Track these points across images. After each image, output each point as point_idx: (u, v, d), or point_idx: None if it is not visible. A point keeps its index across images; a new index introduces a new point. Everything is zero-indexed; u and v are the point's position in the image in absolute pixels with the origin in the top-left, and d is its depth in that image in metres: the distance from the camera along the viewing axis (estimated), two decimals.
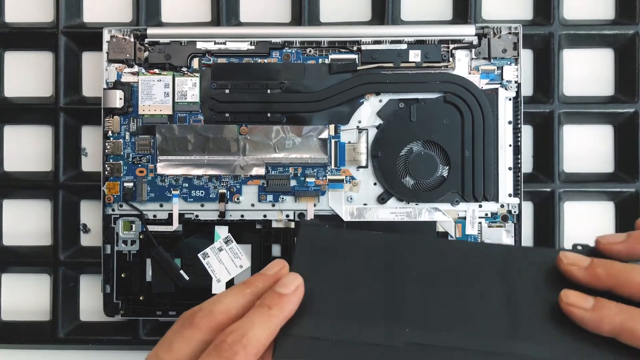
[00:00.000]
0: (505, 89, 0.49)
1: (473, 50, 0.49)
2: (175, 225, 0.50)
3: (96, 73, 0.54)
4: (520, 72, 0.49)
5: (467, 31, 0.49)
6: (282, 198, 0.50)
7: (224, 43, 0.50)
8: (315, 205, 0.50)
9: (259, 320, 0.27)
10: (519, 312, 0.30)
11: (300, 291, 0.29)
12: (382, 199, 0.49)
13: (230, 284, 0.50)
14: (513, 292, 0.31)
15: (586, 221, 0.53)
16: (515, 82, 0.49)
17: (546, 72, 0.52)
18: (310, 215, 0.49)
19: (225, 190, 0.50)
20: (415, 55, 0.49)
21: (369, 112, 0.50)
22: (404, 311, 0.30)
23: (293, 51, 0.50)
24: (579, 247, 0.31)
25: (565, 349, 0.29)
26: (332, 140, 0.50)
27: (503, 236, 0.49)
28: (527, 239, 0.53)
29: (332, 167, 0.50)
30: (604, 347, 0.28)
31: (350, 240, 0.33)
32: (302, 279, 0.29)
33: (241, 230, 0.50)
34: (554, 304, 0.29)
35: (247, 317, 0.27)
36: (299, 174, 0.50)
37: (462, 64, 0.49)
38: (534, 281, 0.31)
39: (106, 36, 0.50)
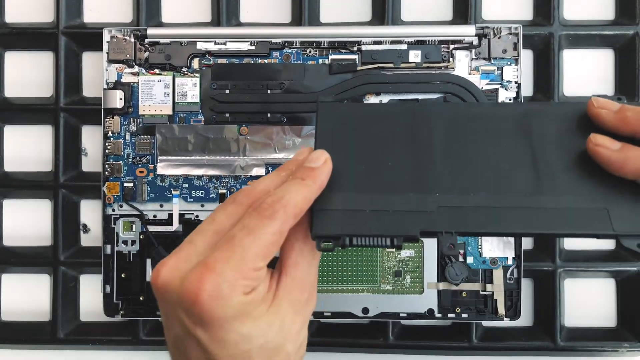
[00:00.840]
0: (506, 89, 0.49)
1: (473, 50, 0.49)
2: (176, 226, 0.50)
3: (96, 73, 0.54)
4: (520, 73, 0.49)
5: (467, 31, 0.49)
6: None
7: (224, 43, 0.50)
8: None
9: (295, 187, 0.29)
10: (541, 167, 0.31)
11: (329, 164, 0.30)
12: None
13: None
14: (535, 147, 0.32)
15: None
16: (516, 82, 0.49)
17: (546, 73, 0.52)
18: None
19: (225, 191, 0.50)
20: (415, 56, 0.49)
21: None
22: (433, 177, 0.31)
23: (293, 51, 0.50)
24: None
25: (587, 197, 0.30)
26: None
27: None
28: (527, 240, 0.53)
29: None
30: (624, 192, 0.30)
31: (370, 112, 0.34)
32: (329, 154, 0.30)
33: None
34: (577, 154, 0.31)
35: (284, 186, 0.29)
36: None
37: (462, 64, 0.49)
38: (555, 135, 0.32)
39: (106, 36, 0.50)
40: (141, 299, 0.50)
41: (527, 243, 0.52)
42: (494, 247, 0.48)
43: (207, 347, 0.27)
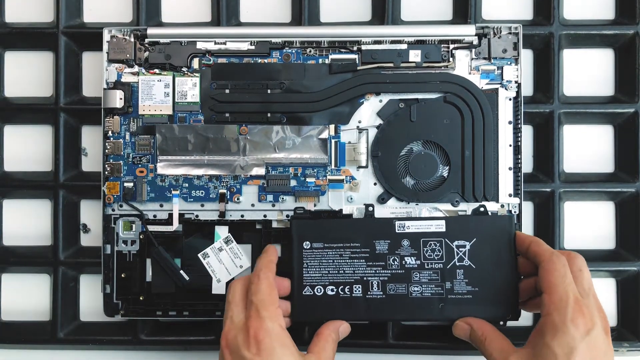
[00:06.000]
0: (506, 89, 0.49)
1: (473, 50, 0.49)
2: (176, 225, 0.50)
3: (96, 73, 0.54)
4: (520, 72, 0.49)
5: (467, 31, 0.49)
6: (282, 198, 0.50)
7: (224, 43, 0.50)
8: (315, 205, 0.50)
9: None
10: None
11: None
12: (382, 199, 0.49)
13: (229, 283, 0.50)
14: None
15: (586, 221, 0.53)
16: (516, 82, 0.49)
17: (546, 72, 0.52)
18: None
19: (225, 190, 0.50)
20: (415, 55, 0.49)
21: (369, 112, 0.50)
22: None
23: (293, 51, 0.50)
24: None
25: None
26: (332, 140, 0.50)
27: None
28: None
29: (332, 167, 0.50)
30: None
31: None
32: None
33: (241, 230, 0.50)
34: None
35: None
36: (299, 174, 0.50)
37: (462, 64, 0.49)
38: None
39: (106, 36, 0.50)
40: (141, 298, 0.50)
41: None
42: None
43: None
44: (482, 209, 0.47)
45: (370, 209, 0.49)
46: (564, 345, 0.36)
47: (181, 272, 0.49)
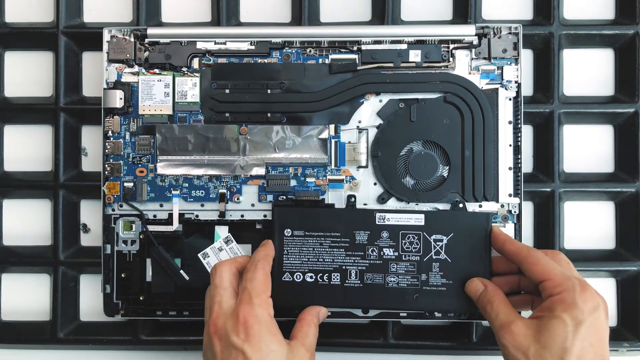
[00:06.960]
0: (506, 89, 0.49)
1: (473, 50, 0.49)
2: (176, 225, 0.50)
3: (96, 73, 0.54)
4: (520, 72, 0.49)
5: (467, 31, 0.49)
6: (283, 198, 0.50)
7: (224, 43, 0.50)
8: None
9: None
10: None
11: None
12: (382, 199, 0.49)
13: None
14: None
15: (586, 221, 0.54)
16: (516, 82, 0.49)
17: (546, 72, 0.52)
18: None
19: (225, 190, 0.50)
20: (415, 55, 0.49)
21: (369, 112, 0.50)
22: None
23: (293, 51, 0.50)
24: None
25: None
26: (332, 140, 0.50)
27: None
28: (528, 239, 0.53)
29: (332, 167, 0.50)
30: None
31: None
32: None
33: (241, 230, 0.50)
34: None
35: None
36: (299, 174, 0.50)
37: (462, 64, 0.49)
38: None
39: (106, 36, 0.50)
40: (141, 298, 0.50)
41: (527, 239, 0.52)
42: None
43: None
44: (460, 205, 0.48)
45: (352, 199, 0.49)
46: (574, 317, 0.38)
47: (181, 272, 0.49)
